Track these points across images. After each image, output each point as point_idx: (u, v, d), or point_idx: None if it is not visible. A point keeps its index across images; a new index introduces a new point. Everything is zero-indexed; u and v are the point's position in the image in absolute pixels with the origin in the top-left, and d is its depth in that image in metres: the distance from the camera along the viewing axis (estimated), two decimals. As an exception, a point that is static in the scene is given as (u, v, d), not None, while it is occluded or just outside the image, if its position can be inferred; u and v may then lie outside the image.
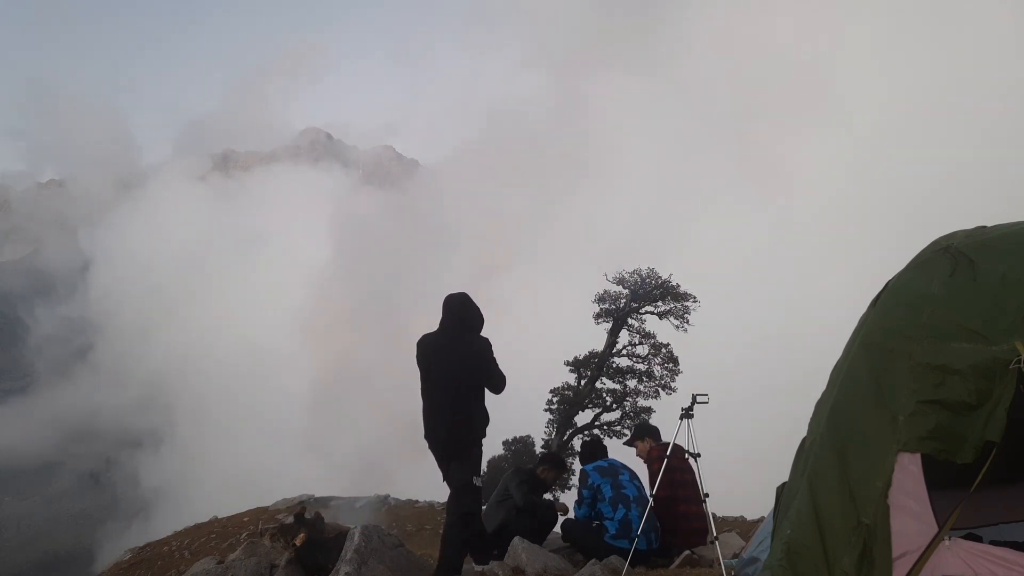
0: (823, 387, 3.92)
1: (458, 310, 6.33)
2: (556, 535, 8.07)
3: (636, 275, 25.51)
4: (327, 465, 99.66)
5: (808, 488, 3.49)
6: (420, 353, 6.31)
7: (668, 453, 6.79)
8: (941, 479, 3.24)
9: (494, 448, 29.69)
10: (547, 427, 26.54)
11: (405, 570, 6.04)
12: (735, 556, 6.54)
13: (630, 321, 25.67)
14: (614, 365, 25.73)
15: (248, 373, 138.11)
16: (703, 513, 6.96)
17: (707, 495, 6.54)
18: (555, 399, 26.28)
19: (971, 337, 3.10)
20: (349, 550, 5.85)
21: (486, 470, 22.29)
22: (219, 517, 23.59)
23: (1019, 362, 2.94)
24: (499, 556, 6.98)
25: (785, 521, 3.65)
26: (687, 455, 6.79)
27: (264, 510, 23.43)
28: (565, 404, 25.99)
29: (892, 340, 3.39)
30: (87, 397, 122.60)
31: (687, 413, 6.35)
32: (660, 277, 25.39)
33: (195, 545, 20.18)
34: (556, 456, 9.93)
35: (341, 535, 6.43)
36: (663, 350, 25.28)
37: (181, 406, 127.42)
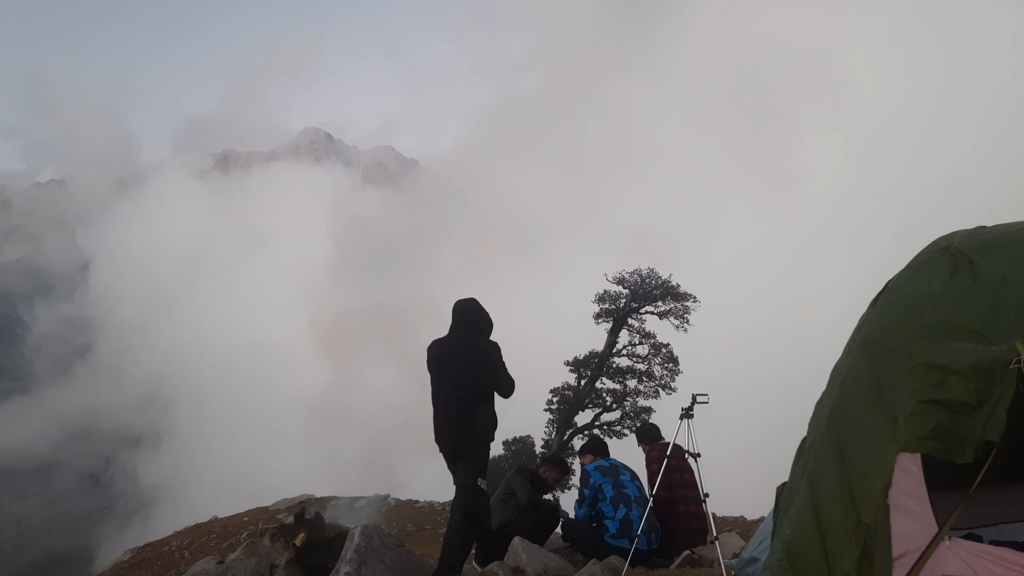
0: (823, 387, 3.92)
1: (467, 315, 6.43)
2: (556, 535, 8.07)
3: (636, 275, 25.55)
4: (327, 465, 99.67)
5: (808, 488, 3.49)
6: (430, 358, 6.39)
7: (668, 453, 6.80)
8: (941, 479, 3.24)
9: (494, 448, 29.63)
10: (547, 427, 26.56)
11: (405, 570, 6.04)
12: (735, 556, 6.54)
13: (630, 321, 25.70)
14: (614, 365, 25.75)
15: (248, 372, 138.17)
16: (703, 513, 6.97)
17: (707, 495, 6.55)
18: (555, 399, 26.30)
19: (971, 337, 3.10)
20: (349, 550, 5.84)
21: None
22: (219, 517, 23.58)
23: (1019, 362, 2.94)
24: (499, 556, 6.98)
25: (785, 521, 3.65)
26: (687, 455, 6.80)
27: (264, 510, 23.42)
28: (565, 404, 26.01)
29: (892, 340, 3.39)
30: (87, 396, 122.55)
31: (687, 413, 6.36)
32: (660, 277, 25.43)
33: (195, 545, 20.17)
34: (559, 458, 9.96)
35: (341, 535, 6.43)
36: (663, 350, 25.31)
37: (181, 405, 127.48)
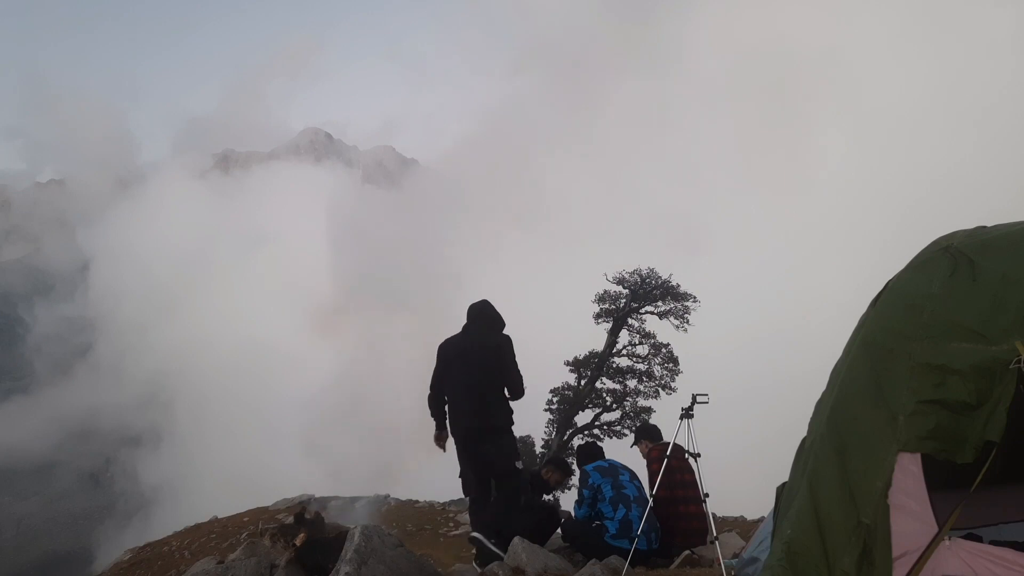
0: (823, 387, 3.92)
1: (482, 315, 6.87)
2: (556, 535, 8.07)
3: (636, 275, 25.57)
4: (327, 465, 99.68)
5: (808, 488, 3.49)
6: (442, 355, 6.63)
7: (668, 453, 6.80)
8: (941, 479, 3.25)
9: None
10: (547, 427, 26.55)
11: (405, 570, 6.03)
12: (735, 556, 6.54)
13: (630, 321, 25.72)
14: (614, 365, 25.76)
15: (248, 372, 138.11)
16: (703, 513, 6.97)
17: (707, 495, 6.55)
18: (555, 399, 26.30)
19: (971, 337, 3.10)
20: (349, 550, 5.84)
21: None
22: (219, 517, 23.58)
23: (1019, 362, 2.94)
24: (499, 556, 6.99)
25: (785, 521, 3.65)
26: (687, 455, 6.80)
27: (264, 510, 23.43)
28: (565, 404, 26.01)
29: (892, 340, 3.39)
30: (87, 396, 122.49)
31: (687, 413, 6.36)
32: (660, 277, 25.45)
33: (195, 545, 20.18)
34: (562, 460, 10.02)
35: (341, 535, 6.42)
36: (663, 350, 25.32)
37: (181, 405, 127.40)
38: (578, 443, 24.61)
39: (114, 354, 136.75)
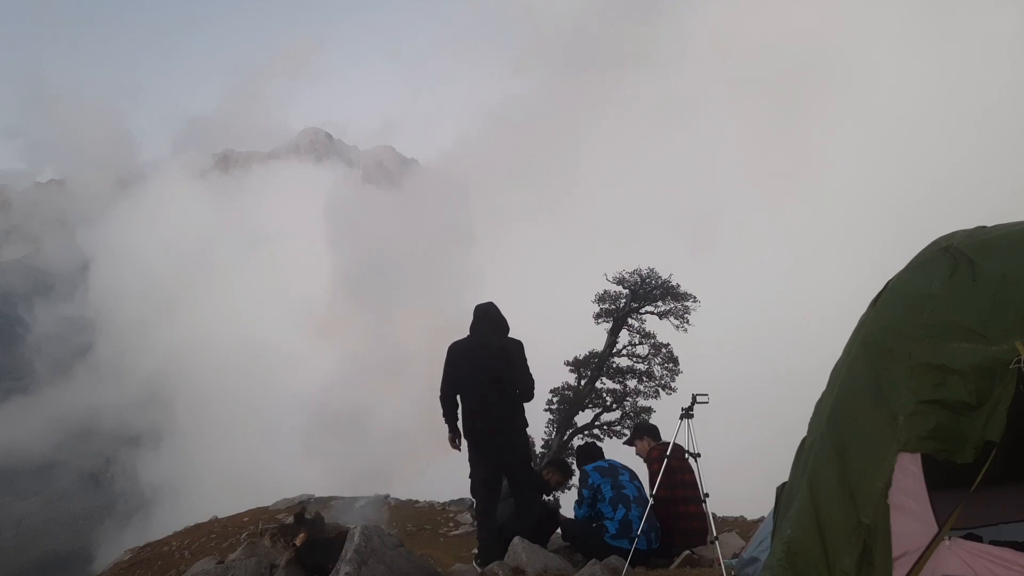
0: (823, 387, 3.92)
1: (488, 316, 6.99)
2: (556, 535, 8.07)
3: (636, 275, 25.54)
4: (327, 465, 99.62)
5: (808, 488, 3.49)
6: (451, 358, 6.68)
7: (668, 453, 6.80)
8: (941, 479, 3.25)
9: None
10: (547, 427, 26.53)
11: (405, 570, 6.04)
12: (735, 556, 6.54)
13: (630, 321, 25.68)
14: (614, 365, 25.73)
15: (248, 372, 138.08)
16: (703, 513, 6.97)
17: (707, 495, 6.56)
18: (555, 399, 26.27)
19: (971, 337, 3.10)
20: (349, 550, 5.84)
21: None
22: (219, 517, 23.56)
23: (1019, 362, 2.94)
24: (500, 555, 6.99)
25: (785, 521, 3.65)
26: (687, 455, 6.80)
27: (264, 510, 23.41)
28: (565, 404, 25.99)
29: (892, 340, 3.39)
30: (87, 396, 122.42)
31: (687, 413, 6.36)
32: (660, 277, 25.43)
33: (195, 545, 20.16)
34: (563, 461, 10.02)
35: (341, 535, 6.42)
36: (663, 350, 25.29)
37: (181, 405, 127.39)
38: (578, 443, 24.62)
39: (114, 354, 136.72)
